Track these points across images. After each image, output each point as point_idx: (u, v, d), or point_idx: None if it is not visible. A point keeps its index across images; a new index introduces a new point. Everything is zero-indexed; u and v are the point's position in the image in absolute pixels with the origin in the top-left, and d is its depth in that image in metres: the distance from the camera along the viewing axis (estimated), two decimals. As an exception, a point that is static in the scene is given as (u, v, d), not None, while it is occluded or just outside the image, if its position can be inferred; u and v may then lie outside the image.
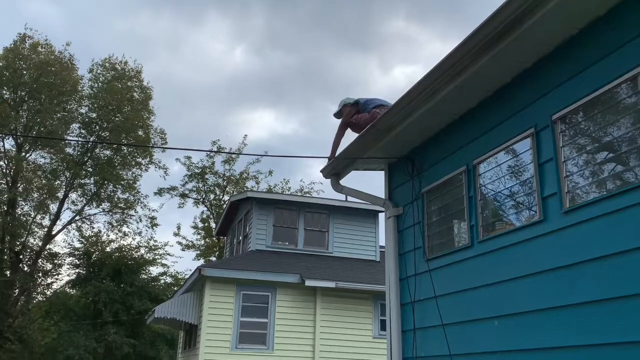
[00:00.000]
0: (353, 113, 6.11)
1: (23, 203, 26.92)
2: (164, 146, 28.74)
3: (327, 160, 6.04)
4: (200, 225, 31.81)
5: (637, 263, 3.03)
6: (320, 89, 54.63)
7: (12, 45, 26.26)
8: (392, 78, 52.92)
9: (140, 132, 28.36)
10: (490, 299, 4.13)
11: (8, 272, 25.28)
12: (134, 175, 29.29)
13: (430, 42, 51.20)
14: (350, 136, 5.99)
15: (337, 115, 6.38)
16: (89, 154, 28.20)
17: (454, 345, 4.41)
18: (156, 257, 29.10)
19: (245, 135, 49.59)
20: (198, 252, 31.49)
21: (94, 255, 27.12)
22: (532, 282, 3.77)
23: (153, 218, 29.60)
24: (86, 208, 28.72)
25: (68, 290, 27.84)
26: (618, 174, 3.36)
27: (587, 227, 3.39)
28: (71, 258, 27.78)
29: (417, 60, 54.41)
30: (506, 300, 3.97)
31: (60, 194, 27.54)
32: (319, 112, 52.52)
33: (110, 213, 28.87)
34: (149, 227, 29.59)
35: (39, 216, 27.45)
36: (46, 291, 28.29)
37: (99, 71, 28.67)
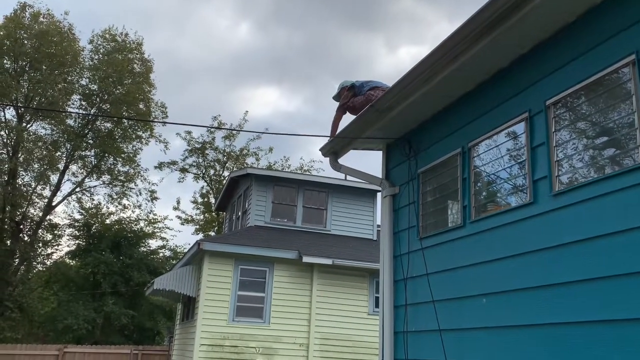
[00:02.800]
0: (350, 96, 6.22)
1: (24, 173, 27.06)
2: (164, 121, 28.76)
3: (327, 139, 6.16)
4: (199, 200, 32.05)
5: (621, 245, 3.15)
6: (325, 66, 54.36)
7: (13, 14, 26.07)
8: (397, 58, 52.64)
9: (141, 105, 28.35)
10: (480, 277, 4.27)
11: (8, 242, 25.52)
12: (134, 148, 29.39)
13: (437, 22, 50.77)
14: (348, 119, 6.09)
15: (336, 98, 6.51)
16: (89, 126, 28.23)
17: (444, 320, 4.56)
18: (155, 230, 29.38)
19: (246, 112, 49.53)
20: (197, 226, 31.78)
21: (93, 227, 27.36)
22: (521, 262, 3.90)
23: (153, 192, 29.82)
24: (86, 180, 28.89)
25: (68, 260, 28.15)
26: (606, 159, 3.46)
27: (575, 209, 3.51)
28: (71, 229, 28.05)
29: (423, 40, 54.05)
30: (495, 279, 4.11)
31: (60, 165, 27.66)
32: (323, 90, 52.36)
33: (110, 185, 29.06)
34: (148, 201, 29.85)
35: (39, 187, 27.63)
36: (46, 261, 28.63)
37: (99, 42, 28.52)
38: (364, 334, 12.60)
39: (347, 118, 6.23)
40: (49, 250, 28.49)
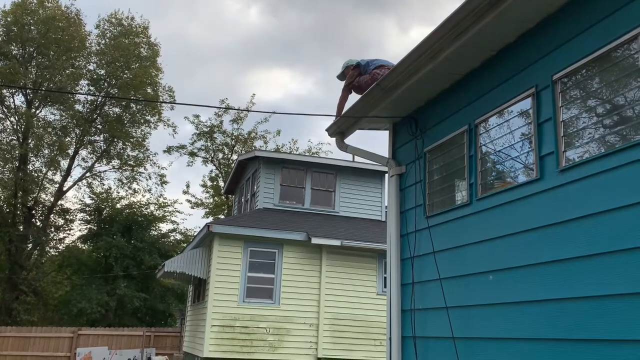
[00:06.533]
0: (355, 75, 6.16)
1: (34, 159, 27.29)
2: (172, 102, 28.78)
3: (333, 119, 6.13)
4: (209, 183, 32.21)
5: (628, 219, 3.13)
6: (337, 48, 54.01)
7: (20, 0, 26.05)
8: (409, 38, 52.13)
9: (148, 90, 28.38)
10: (486, 254, 4.26)
11: (21, 227, 25.85)
12: (143, 133, 29.49)
13: (449, 0, 50.07)
14: (354, 98, 6.04)
15: (341, 77, 6.44)
16: (98, 111, 28.32)
17: (450, 298, 4.58)
18: (166, 214, 29.60)
19: (253, 95, 49.33)
20: (207, 210, 31.96)
21: (104, 212, 27.61)
22: (527, 238, 3.88)
23: (162, 176, 30.01)
24: (96, 165, 29.10)
25: (80, 245, 28.50)
26: (614, 133, 3.42)
27: (582, 185, 3.48)
28: (82, 214, 28.34)
29: (435, 20, 53.36)
30: (501, 256, 4.10)
31: (70, 151, 27.86)
32: (334, 72, 51.95)
33: (120, 170, 29.25)
34: (158, 185, 30.08)
35: (50, 172, 27.88)
36: (59, 246, 29.01)
37: (105, 27, 28.48)
38: (373, 314, 12.69)
39: (354, 98, 6.19)
40: (61, 235, 28.91)
